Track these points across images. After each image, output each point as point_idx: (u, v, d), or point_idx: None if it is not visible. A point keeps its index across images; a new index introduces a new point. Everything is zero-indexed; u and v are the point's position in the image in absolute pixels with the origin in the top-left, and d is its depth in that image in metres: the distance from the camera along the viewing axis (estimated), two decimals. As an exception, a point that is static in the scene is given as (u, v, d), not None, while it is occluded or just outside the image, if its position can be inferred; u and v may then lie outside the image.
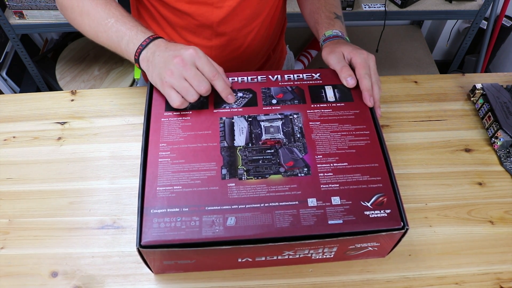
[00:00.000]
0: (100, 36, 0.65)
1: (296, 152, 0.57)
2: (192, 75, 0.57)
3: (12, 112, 0.78)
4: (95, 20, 0.65)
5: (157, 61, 0.59)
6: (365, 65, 0.63)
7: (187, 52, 0.58)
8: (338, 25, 0.72)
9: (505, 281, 0.58)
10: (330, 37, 0.70)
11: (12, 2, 1.41)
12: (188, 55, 0.57)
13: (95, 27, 0.65)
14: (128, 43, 0.62)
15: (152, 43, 0.61)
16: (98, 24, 0.64)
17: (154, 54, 0.59)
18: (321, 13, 0.74)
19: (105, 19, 0.64)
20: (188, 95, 0.58)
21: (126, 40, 0.62)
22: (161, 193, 0.52)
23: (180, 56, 0.57)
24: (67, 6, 0.68)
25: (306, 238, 0.50)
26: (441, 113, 0.78)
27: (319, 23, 0.73)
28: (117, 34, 0.63)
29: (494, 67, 1.94)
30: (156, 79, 0.59)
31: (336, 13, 0.74)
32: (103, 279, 0.58)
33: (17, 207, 0.65)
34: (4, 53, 1.70)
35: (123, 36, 0.62)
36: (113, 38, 0.63)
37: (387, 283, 0.58)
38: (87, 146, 0.72)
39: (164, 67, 0.58)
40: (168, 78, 0.57)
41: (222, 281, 0.58)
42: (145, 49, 0.60)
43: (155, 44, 0.61)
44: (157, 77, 0.59)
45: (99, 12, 0.65)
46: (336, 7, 0.75)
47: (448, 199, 0.66)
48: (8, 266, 0.59)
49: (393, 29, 1.97)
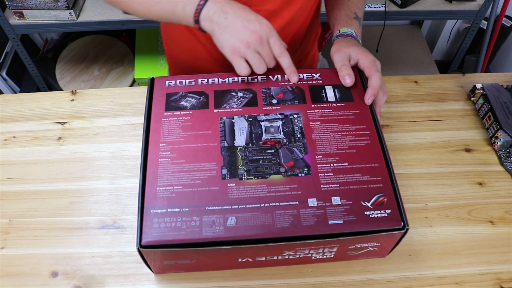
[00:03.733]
0: (153, 10, 0.65)
1: (296, 152, 0.57)
2: (267, 52, 0.60)
3: (12, 112, 0.78)
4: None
5: (226, 24, 0.59)
6: (375, 65, 0.64)
7: (263, 28, 0.59)
8: (355, 26, 0.72)
9: (505, 281, 0.59)
10: (343, 34, 0.70)
11: (12, 2, 1.41)
12: (264, 32, 0.59)
13: (146, 2, 0.65)
14: (185, 7, 0.61)
15: (210, 1, 0.60)
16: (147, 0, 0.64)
17: (220, 14, 0.59)
18: (342, 10, 0.74)
19: None
20: (260, 68, 0.60)
21: (182, 4, 0.61)
22: (161, 193, 0.52)
23: (257, 32, 0.58)
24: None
25: (306, 238, 0.50)
26: (441, 113, 0.78)
27: (337, 19, 0.73)
28: (170, 2, 0.62)
29: (494, 67, 1.94)
30: (225, 44, 0.59)
31: (356, 13, 0.74)
32: (103, 279, 0.58)
33: (17, 207, 0.65)
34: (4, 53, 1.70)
35: (177, 2, 0.62)
36: (166, 7, 0.63)
37: (387, 283, 0.58)
38: (87, 146, 0.72)
39: (238, 35, 0.58)
40: (244, 49, 0.58)
41: (222, 281, 0.58)
42: (205, 7, 0.60)
43: (215, 1, 0.60)
44: (227, 43, 0.59)
45: None
46: (358, 8, 0.75)
47: (448, 199, 0.66)
48: (8, 266, 0.59)
49: (393, 29, 1.97)
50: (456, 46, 1.94)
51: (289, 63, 0.61)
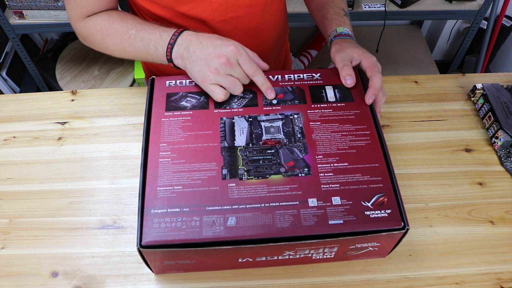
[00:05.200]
0: (127, 51, 0.66)
1: (296, 152, 0.57)
2: (239, 73, 0.60)
3: (12, 112, 0.78)
4: (117, 37, 0.65)
5: (195, 57, 0.59)
6: (377, 67, 0.64)
7: (229, 50, 0.59)
8: (348, 23, 0.72)
9: (505, 281, 0.58)
10: (341, 34, 0.70)
11: (12, 2, 1.41)
12: (231, 54, 0.59)
13: (119, 44, 0.66)
14: (156, 47, 0.62)
15: (179, 38, 0.61)
16: (121, 39, 0.65)
17: (189, 49, 0.60)
18: (329, 8, 0.74)
19: (126, 32, 0.64)
20: (235, 89, 0.60)
21: (153, 45, 0.62)
22: (161, 193, 0.52)
23: (224, 56, 0.58)
24: (88, 35, 0.68)
25: (306, 238, 0.50)
26: (441, 113, 0.78)
27: (327, 18, 0.73)
28: (142, 42, 0.63)
29: (494, 67, 1.94)
30: (197, 76, 0.60)
31: (344, 9, 0.74)
32: (103, 279, 0.58)
33: (17, 207, 0.65)
34: (4, 53, 1.70)
35: (149, 42, 0.63)
36: (139, 47, 0.64)
37: (388, 283, 0.58)
38: (87, 146, 0.72)
39: (207, 65, 0.59)
40: (213, 76, 0.59)
41: (222, 281, 0.58)
42: (175, 46, 0.61)
43: (183, 38, 0.61)
44: (198, 74, 0.60)
45: (117, 28, 0.65)
46: (343, 3, 0.75)
47: (448, 199, 0.66)
48: (8, 266, 0.59)
49: (393, 29, 1.97)
50: (456, 46, 1.94)
51: (263, 81, 0.61)
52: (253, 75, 0.60)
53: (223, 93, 0.60)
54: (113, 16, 0.67)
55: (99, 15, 0.67)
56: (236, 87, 0.60)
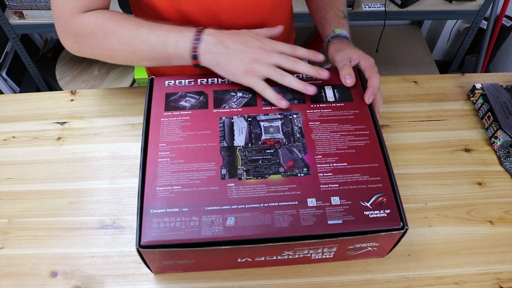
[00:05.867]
0: (137, 50, 0.61)
1: (295, 152, 0.57)
2: (279, 59, 0.60)
3: (12, 112, 0.78)
4: (125, 35, 0.60)
5: (230, 52, 0.59)
6: (375, 67, 0.64)
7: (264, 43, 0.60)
8: (346, 26, 0.73)
9: (504, 281, 0.58)
10: (339, 36, 0.70)
11: (12, 2, 1.41)
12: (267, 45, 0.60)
13: (127, 42, 0.60)
14: (177, 43, 0.59)
15: (205, 34, 0.59)
16: (130, 37, 0.60)
17: (220, 46, 0.59)
18: (328, 9, 0.74)
19: (136, 30, 0.60)
20: (281, 77, 0.60)
21: (173, 41, 0.59)
22: (160, 193, 0.52)
23: (260, 47, 0.59)
24: (86, 34, 0.61)
25: (305, 238, 0.50)
26: (441, 113, 0.78)
27: (326, 19, 0.73)
28: (159, 39, 0.59)
29: (494, 67, 1.94)
30: (237, 71, 0.60)
31: (343, 11, 0.74)
32: (102, 279, 0.58)
33: (17, 207, 0.65)
34: (4, 53, 1.70)
35: (167, 39, 0.59)
36: (155, 45, 0.59)
37: (387, 283, 0.58)
38: (87, 146, 0.72)
39: (246, 58, 0.59)
40: (257, 67, 0.59)
41: (222, 281, 0.58)
42: (202, 42, 0.59)
43: (210, 34, 0.59)
44: (239, 69, 0.59)
45: (125, 27, 0.60)
46: (343, 5, 0.76)
47: (447, 199, 0.66)
48: (8, 266, 0.59)
49: (393, 29, 1.97)
50: (456, 46, 1.94)
51: (307, 52, 0.63)
52: (294, 52, 0.62)
53: (271, 91, 0.60)
54: (116, 15, 0.62)
55: (98, 13, 0.62)
56: (283, 75, 0.60)
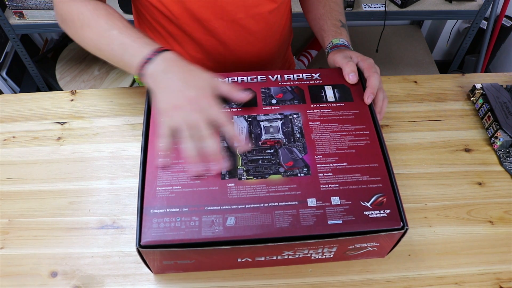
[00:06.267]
0: (102, 49, 0.61)
1: (295, 152, 0.57)
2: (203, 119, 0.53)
3: (12, 112, 0.78)
4: (96, 32, 0.61)
5: (166, 85, 0.54)
6: (374, 67, 0.64)
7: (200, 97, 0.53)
8: (345, 34, 0.73)
9: (504, 281, 0.58)
10: (337, 46, 0.70)
11: (12, 2, 1.41)
12: (201, 101, 0.53)
13: (96, 40, 0.61)
14: (133, 56, 0.57)
15: (161, 57, 0.56)
16: (100, 36, 0.61)
17: (163, 75, 0.55)
18: (326, 20, 0.74)
19: (108, 30, 0.60)
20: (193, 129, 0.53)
21: (131, 53, 0.58)
22: (160, 193, 0.52)
23: (192, 98, 0.53)
24: (67, 19, 0.64)
25: (305, 238, 0.50)
26: (441, 113, 0.78)
27: (324, 30, 0.74)
28: (121, 46, 0.59)
29: (494, 67, 1.94)
30: (162, 104, 0.54)
31: (341, 20, 0.74)
32: (102, 279, 0.58)
33: (17, 207, 0.65)
34: (4, 53, 1.70)
35: (127, 48, 0.58)
36: (116, 50, 0.59)
37: (387, 283, 0.58)
38: (87, 146, 0.72)
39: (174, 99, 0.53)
40: (179, 110, 0.53)
41: (222, 281, 0.58)
42: (153, 63, 0.55)
43: (165, 58, 0.56)
44: (161, 103, 0.54)
45: (101, 24, 0.61)
46: (341, 14, 0.76)
47: (447, 199, 0.66)
48: (8, 266, 0.59)
49: (393, 29, 1.97)
50: (456, 46, 1.94)
51: (233, 132, 0.54)
52: (225, 125, 0.53)
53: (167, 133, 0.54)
54: (100, 10, 0.62)
55: (85, 3, 0.62)
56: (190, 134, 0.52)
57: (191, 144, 0.52)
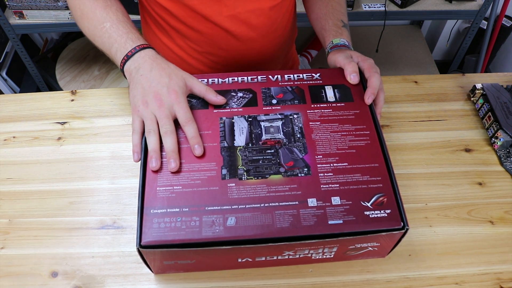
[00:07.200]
0: (96, 41, 0.64)
1: (296, 152, 0.57)
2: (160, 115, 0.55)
3: (12, 112, 0.78)
4: (92, 23, 0.63)
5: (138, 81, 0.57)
6: (374, 67, 0.64)
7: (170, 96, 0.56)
8: (346, 34, 0.72)
9: (505, 281, 0.58)
10: (337, 45, 0.70)
11: (12, 2, 1.41)
12: (169, 99, 0.56)
13: (92, 31, 0.64)
14: (117, 51, 0.60)
15: (137, 55, 0.59)
16: (94, 28, 0.63)
17: (138, 71, 0.58)
18: (328, 19, 0.74)
19: (101, 23, 0.62)
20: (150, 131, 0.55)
21: (116, 48, 0.61)
22: (161, 193, 0.52)
23: (160, 96, 0.56)
24: (72, 8, 0.67)
25: (306, 238, 0.50)
26: (441, 113, 0.78)
27: (326, 29, 0.73)
28: (109, 40, 0.61)
29: (494, 67, 1.94)
30: (131, 100, 0.58)
31: (343, 20, 0.74)
32: (103, 279, 0.58)
33: (17, 207, 0.65)
34: (4, 53, 1.70)
35: (113, 43, 0.61)
36: (105, 43, 0.62)
37: (387, 283, 0.58)
38: (87, 146, 0.72)
39: (143, 95, 0.56)
40: (142, 108, 0.56)
41: (222, 281, 0.58)
42: (130, 60, 0.59)
43: (141, 56, 0.59)
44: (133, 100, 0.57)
45: (96, 15, 0.63)
46: (343, 14, 0.75)
47: (448, 199, 0.66)
48: (8, 266, 0.59)
49: (393, 29, 1.97)
50: (456, 46, 1.94)
51: (193, 133, 0.56)
52: (184, 124, 0.56)
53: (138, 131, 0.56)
54: (102, 1, 0.64)
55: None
56: (152, 129, 0.55)
57: (151, 139, 0.55)
